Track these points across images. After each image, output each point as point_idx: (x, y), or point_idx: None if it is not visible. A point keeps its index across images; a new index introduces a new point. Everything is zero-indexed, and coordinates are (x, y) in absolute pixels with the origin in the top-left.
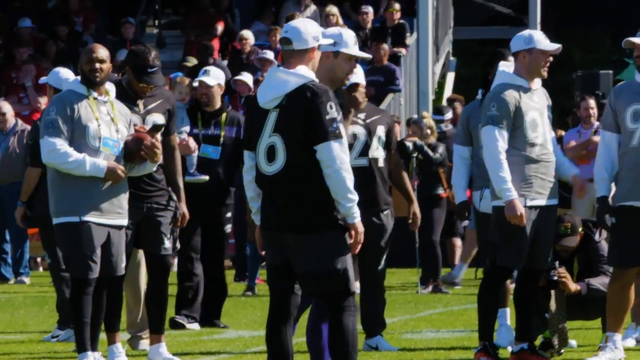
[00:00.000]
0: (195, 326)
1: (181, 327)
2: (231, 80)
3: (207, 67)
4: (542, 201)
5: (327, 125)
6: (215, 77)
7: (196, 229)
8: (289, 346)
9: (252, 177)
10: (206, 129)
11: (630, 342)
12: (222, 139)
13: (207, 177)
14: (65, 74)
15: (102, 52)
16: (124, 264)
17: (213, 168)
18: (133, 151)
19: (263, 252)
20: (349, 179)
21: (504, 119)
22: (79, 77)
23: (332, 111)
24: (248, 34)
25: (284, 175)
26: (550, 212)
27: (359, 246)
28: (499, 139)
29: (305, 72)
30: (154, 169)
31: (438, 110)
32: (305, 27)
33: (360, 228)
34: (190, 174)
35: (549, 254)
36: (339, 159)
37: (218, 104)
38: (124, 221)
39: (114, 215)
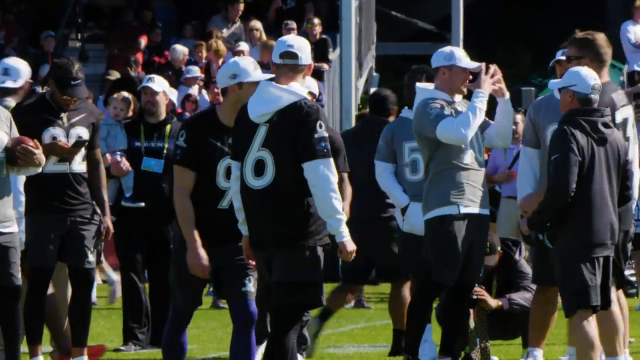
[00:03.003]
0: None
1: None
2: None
3: (151, 75)
4: (475, 209)
5: (315, 144)
6: (160, 84)
7: (142, 249)
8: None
9: (238, 187)
10: (149, 141)
11: None
12: (165, 151)
13: (142, 204)
14: None
15: None
16: (19, 274)
17: (157, 182)
18: (13, 155)
19: (252, 262)
20: (335, 199)
21: (445, 113)
22: None
23: (322, 130)
24: (184, 50)
25: (272, 191)
26: (482, 222)
27: (350, 259)
28: None
29: (298, 89)
30: (39, 170)
31: None
32: (306, 44)
33: (349, 247)
34: (126, 199)
35: (481, 269)
36: (324, 178)
37: (163, 114)
38: (11, 229)
39: None
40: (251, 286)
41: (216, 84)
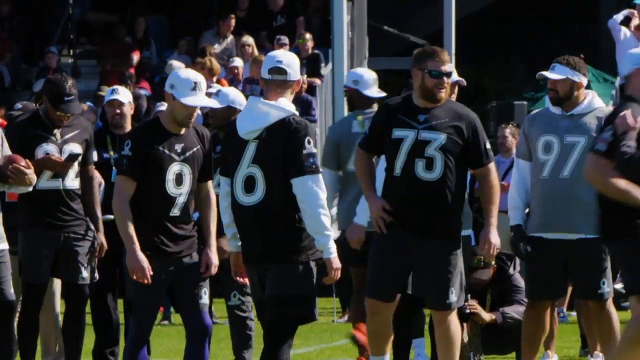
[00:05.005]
0: None
1: None
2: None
3: (114, 87)
4: None
5: (304, 160)
6: (125, 95)
7: (112, 262)
8: None
9: (228, 202)
10: (117, 153)
11: None
12: None
13: (112, 217)
14: None
15: None
16: (11, 290)
17: None
18: (4, 174)
19: (239, 279)
20: (324, 215)
21: None
22: None
23: (310, 146)
24: (180, 66)
25: (262, 207)
26: (462, 243)
27: (333, 280)
28: None
29: (286, 105)
30: (30, 189)
31: None
32: (295, 59)
33: (336, 264)
34: None
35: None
36: (312, 194)
37: (129, 125)
38: (2, 245)
39: None
40: (206, 298)
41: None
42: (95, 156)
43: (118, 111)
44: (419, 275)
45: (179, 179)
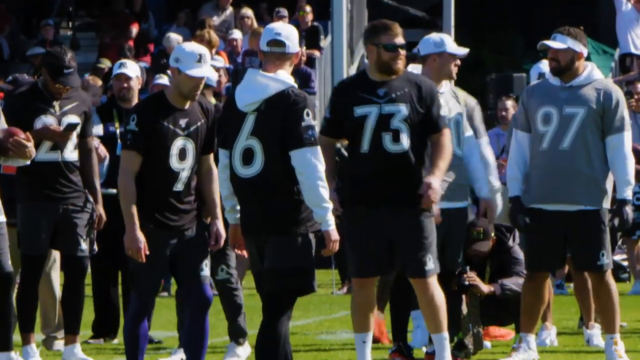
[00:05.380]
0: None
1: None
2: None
3: (122, 60)
4: (450, 204)
5: (303, 132)
6: (133, 69)
7: (114, 236)
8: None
9: (227, 175)
10: (123, 126)
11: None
12: None
13: (114, 191)
14: None
15: None
16: (9, 262)
17: None
18: (4, 146)
19: (237, 251)
20: (322, 187)
21: None
22: None
23: (309, 118)
24: (178, 38)
25: (261, 179)
26: (459, 215)
27: (332, 252)
28: None
29: (285, 78)
30: (28, 162)
31: None
32: (294, 31)
33: (334, 236)
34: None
35: (459, 255)
36: (311, 166)
37: (136, 98)
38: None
39: None
40: (207, 270)
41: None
42: (101, 129)
43: (125, 85)
44: (396, 246)
45: (182, 154)
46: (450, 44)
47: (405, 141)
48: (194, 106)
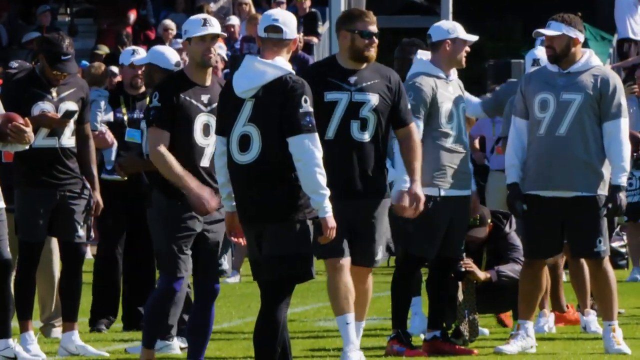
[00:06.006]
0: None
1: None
2: None
3: (134, 48)
4: (455, 191)
5: (300, 119)
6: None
7: (122, 223)
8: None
9: (223, 162)
10: (130, 112)
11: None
12: None
13: (118, 177)
14: None
15: None
16: (7, 248)
17: (139, 154)
18: (3, 132)
19: (234, 239)
20: (319, 174)
21: (421, 109)
22: None
23: (307, 105)
24: (171, 25)
25: (258, 165)
26: (464, 202)
27: (328, 240)
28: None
29: (283, 64)
30: (27, 147)
31: None
32: (292, 18)
33: (331, 223)
34: (106, 172)
35: (462, 243)
36: (308, 153)
37: (144, 86)
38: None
39: None
40: (225, 264)
41: None
42: (111, 116)
43: (137, 74)
44: (355, 236)
45: (206, 130)
46: (461, 30)
47: (371, 130)
48: (214, 84)
